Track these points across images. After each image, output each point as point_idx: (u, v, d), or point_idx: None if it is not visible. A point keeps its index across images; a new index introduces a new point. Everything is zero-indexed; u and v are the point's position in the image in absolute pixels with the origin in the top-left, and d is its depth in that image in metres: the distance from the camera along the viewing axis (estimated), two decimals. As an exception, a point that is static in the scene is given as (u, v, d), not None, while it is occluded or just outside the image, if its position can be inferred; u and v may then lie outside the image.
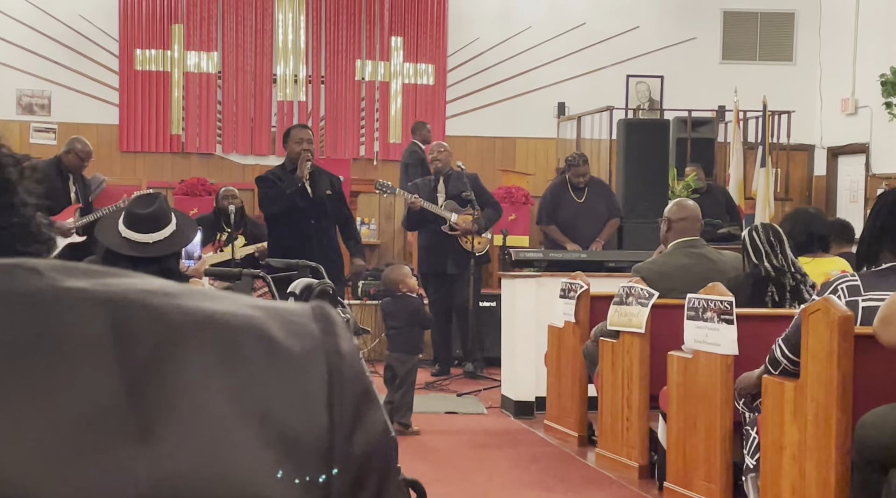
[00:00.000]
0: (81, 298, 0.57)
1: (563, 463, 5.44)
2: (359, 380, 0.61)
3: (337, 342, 0.62)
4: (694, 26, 11.82)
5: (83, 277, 0.59)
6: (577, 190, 8.57)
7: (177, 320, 0.58)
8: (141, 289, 0.59)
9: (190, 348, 0.57)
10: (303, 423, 0.58)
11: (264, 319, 0.61)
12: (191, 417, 0.56)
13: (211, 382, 0.57)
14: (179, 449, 0.54)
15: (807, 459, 3.64)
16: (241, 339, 0.59)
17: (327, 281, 4.25)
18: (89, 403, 0.54)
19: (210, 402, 0.56)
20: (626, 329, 5.12)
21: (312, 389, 0.59)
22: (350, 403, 0.60)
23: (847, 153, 11.55)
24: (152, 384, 0.56)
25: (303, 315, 0.62)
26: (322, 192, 6.84)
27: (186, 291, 0.60)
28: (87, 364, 0.55)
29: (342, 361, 0.61)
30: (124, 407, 0.55)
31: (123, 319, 0.57)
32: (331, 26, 11.52)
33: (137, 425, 0.54)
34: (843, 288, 3.66)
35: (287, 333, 0.60)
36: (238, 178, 10.80)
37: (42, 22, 10.97)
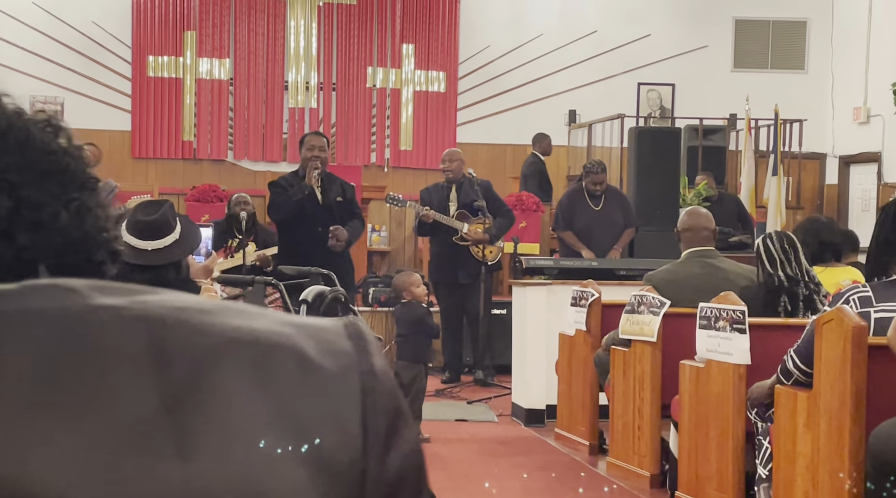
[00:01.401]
0: (119, 316, 0.58)
1: (573, 472, 5.43)
2: (392, 398, 0.62)
3: (371, 361, 0.62)
4: (705, 34, 11.81)
5: (120, 296, 0.59)
6: (594, 198, 8.56)
7: (212, 338, 0.58)
8: (177, 306, 0.60)
9: (225, 366, 0.58)
10: (337, 441, 0.58)
11: (298, 336, 0.61)
12: (227, 436, 0.56)
13: (246, 401, 0.57)
14: (215, 467, 0.55)
15: (820, 469, 3.62)
16: (275, 357, 0.59)
17: (339, 288, 4.26)
18: (127, 419, 0.55)
19: (245, 420, 0.57)
20: (637, 338, 5.11)
21: (347, 409, 0.59)
22: (383, 423, 0.60)
23: (859, 162, 11.52)
24: (189, 402, 0.56)
25: (336, 333, 0.62)
26: (332, 199, 6.85)
27: (221, 308, 0.61)
28: (126, 381, 0.56)
29: (376, 380, 0.61)
30: (162, 424, 0.55)
31: (160, 337, 0.58)
32: (342, 33, 11.54)
33: (175, 442, 0.55)
34: (854, 299, 3.65)
35: (321, 352, 0.61)
36: (249, 184, 10.83)
37: (55, 28, 11.03)
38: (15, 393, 0.55)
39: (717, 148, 10.80)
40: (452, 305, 8.12)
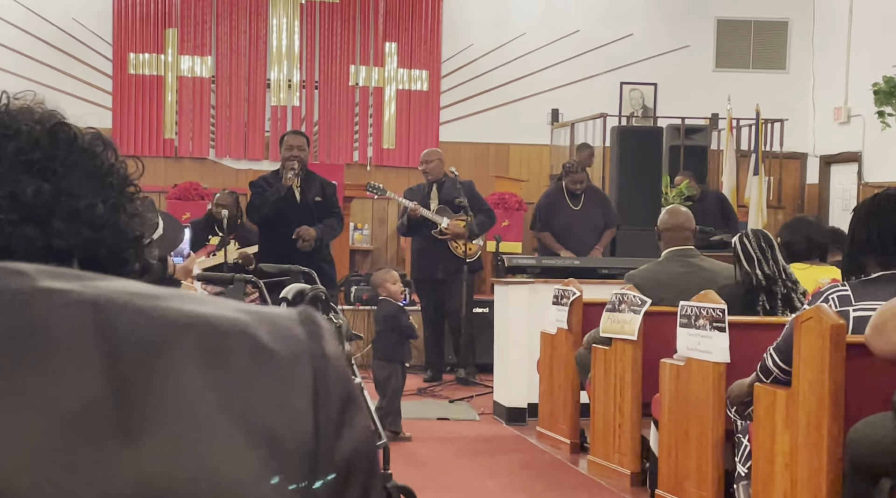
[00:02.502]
0: (68, 300, 0.58)
1: (554, 470, 5.44)
2: (344, 383, 0.62)
3: (322, 346, 0.62)
4: (687, 34, 11.85)
5: (71, 280, 0.59)
6: (574, 197, 8.57)
7: (163, 322, 0.58)
8: (128, 291, 0.59)
9: (176, 350, 0.58)
10: (288, 424, 0.58)
11: (251, 322, 0.61)
12: (176, 418, 0.56)
13: (197, 384, 0.57)
14: (165, 449, 0.55)
15: (798, 467, 3.64)
16: (227, 341, 0.59)
17: (320, 286, 4.25)
18: (75, 403, 0.55)
19: (196, 403, 0.57)
20: (618, 336, 5.12)
21: (298, 392, 0.60)
22: (335, 406, 0.60)
23: (839, 162, 11.58)
24: (138, 385, 0.56)
25: (289, 319, 0.63)
26: (311, 199, 6.84)
27: (174, 294, 0.61)
28: (73, 364, 0.56)
29: (328, 364, 0.61)
30: (110, 407, 0.55)
31: (110, 320, 0.57)
32: (325, 31, 11.52)
33: (123, 426, 0.55)
34: (833, 298, 3.67)
35: (273, 337, 0.61)
36: (231, 182, 10.79)
37: (35, 25, 10.96)
38: None
39: (699, 147, 10.83)
40: (433, 302, 8.12)
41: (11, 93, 0.81)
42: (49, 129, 0.75)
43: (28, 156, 0.73)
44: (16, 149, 0.73)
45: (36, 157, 0.73)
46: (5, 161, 0.72)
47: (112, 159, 0.79)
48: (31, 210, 0.70)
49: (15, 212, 0.70)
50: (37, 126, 0.75)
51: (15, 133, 0.74)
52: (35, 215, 0.70)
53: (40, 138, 0.74)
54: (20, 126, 0.74)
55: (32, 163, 0.72)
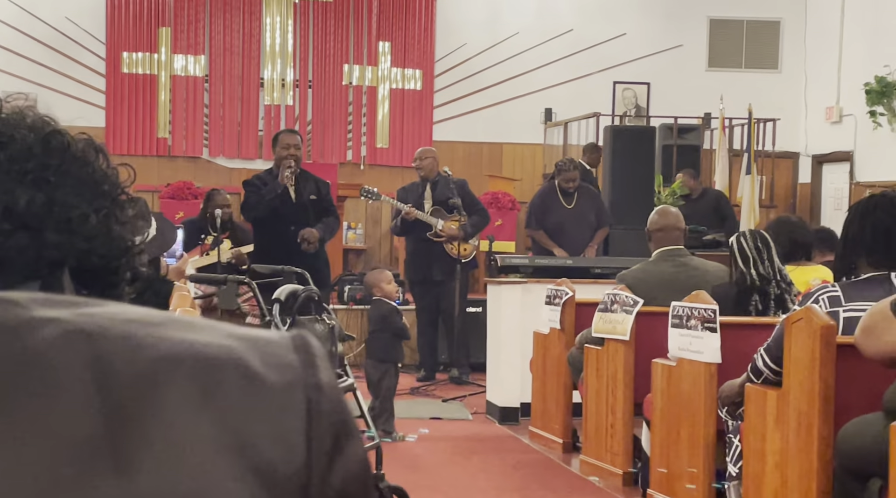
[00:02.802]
0: (62, 330, 0.58)
1: (547, 469, 5.45)
2: (338, 413, 0.62)
3: (317, 375, 0.62)
4: (680, 33, 11.87)
5: (63, 308, 0.59)
6: (567, 196, 8.59)
7: (156, 354, 0.58)
8: (121, 319, 0.60)
9: (169, 381, 0.58)
10: (281, 456, 0.58)
11: (243, 350, 0.61)
12: (168, 451, 0.56)
13: (189, 416, 0.57)
14: (156, 482, 0.55)
15: (789, 467, 3.66)
16: (219, 371, 0.60)
17: (312, 287, 4.26)
18: (67, 435, 0.55)
19: (188, 435, 0.57)
20: (610, 336, 5.13)
21: (291, 423, 0.59)
22: (328, 437, 0.60)
23: (831, 161, 11.61)
24: (131, 417, 0.56)
25: (282, 346, 0.62)
26: (306, 198, 6.84)
27: (167, 320, 0.61)
28: (66, 396, 0.56)
29: (321, 395, 0.61)
30: (102, 440, 0.55)
31: (104, 352, 0.57)
32: (318, 30, 11.52)
33: (115, 458, 0.55)
34: (824, 299, 3.69)
35: (266, 366, 0.61)
36: (225, 181, 10.78)
37: (28, 24, 10.94)
38: None
39: (692, 147, 10.85)
40: (428, 303, 8.13)
41: (2, 95, 0.79)
42: (43, 137, 0.75)
43: (21, 165, 0.72)
44: (8, 158, 0.72)
45: (29, 167, 0.72)
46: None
47: (104, 167, 0.78)
48: (24, 220, 0.70)
49: (7, 222, 0.69)
50: (30, 134, 0.75)
51: (8, 141, 0.73)
52: (28, 225, 0.70)
53: (33, 147, 0.74)
54: (13, 133, 0.74)
55: (26, 173, 0.72)
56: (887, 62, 10.38)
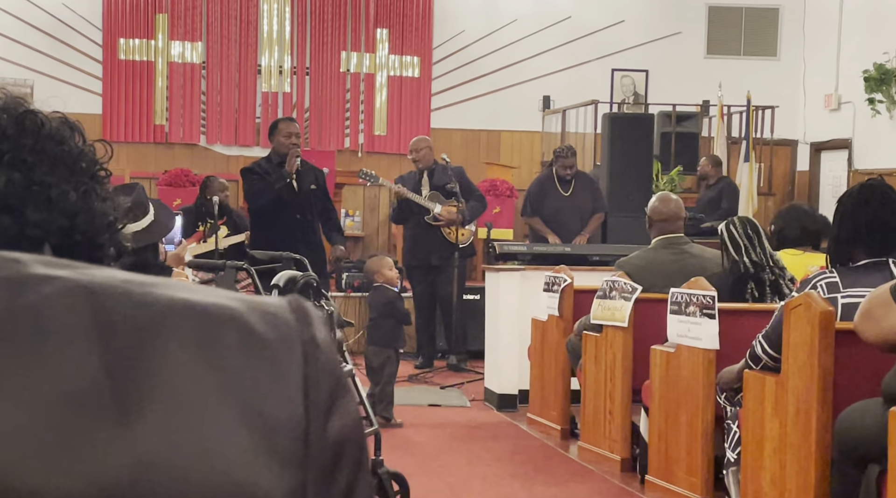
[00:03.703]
0: (63, 286, 0.58)
1: (545, 456, 5.46)
2: (333, 369, 0.63)
3: (312, 332, 0.63)
4: (679, 21, 11.85)
5: (63, 268, 0.60)
6: (564, 183, 8.59)
7: (156, 309, 0.59)
8: (121, 279, 0.60)
9: (169, 335, 0.58)
10: (279, 407, 0.59)
11: (242, 309, 0.62)
12: (170, 401, 0.56)
13: (189, 368, 0.58)
14: (158, 432, 0.55)
15: (787, 453, 3.66)
16: (219, 327, 0.60)
17: (311, 273, 4.26)
18: (69, 386, 0.55)
19: (189, 386, 0.57)
20: (609, 323, 5.14)
21: (288, 376, 0.60)
22: (325, 390, 0.61)
23: (830, 149, 11.61)
24: (132, 369, 0.56)
25: (279, 307, 0.64)
26: (307, 187, 6.84)
27: (165, 282, 0.62)
28: (68, 349, 0.56)
29: (317, 349, 0.62)
30: (104, 390, 0.55)
31: (104, 306, 0.58)
32: (316, 17, 11.48)
33: (117, 408, 0.55)
34: (822, 285, 3.69)
35: (264, 323, 0.62)
36: (222, 169, 10.77)
37: (24, 10, 10.90)
38: None
39: (690, 134, 10.85)
40: (425, 289, 8.13)
41: (1, 78, 0.80)
42: (16, 117, 0.75)
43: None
44: None
45: (4, 148, 0.73)
46: None
47: (80, 144, 0.79)
48: (4, 201, 0.71)
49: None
50: (3, 114, 0.75)
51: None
52: (7, 206, 0.71)
53: (7, 127, 0.74)
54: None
55: (1, 154, 0.73)
56: (886, 49, 10.37)
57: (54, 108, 0.84)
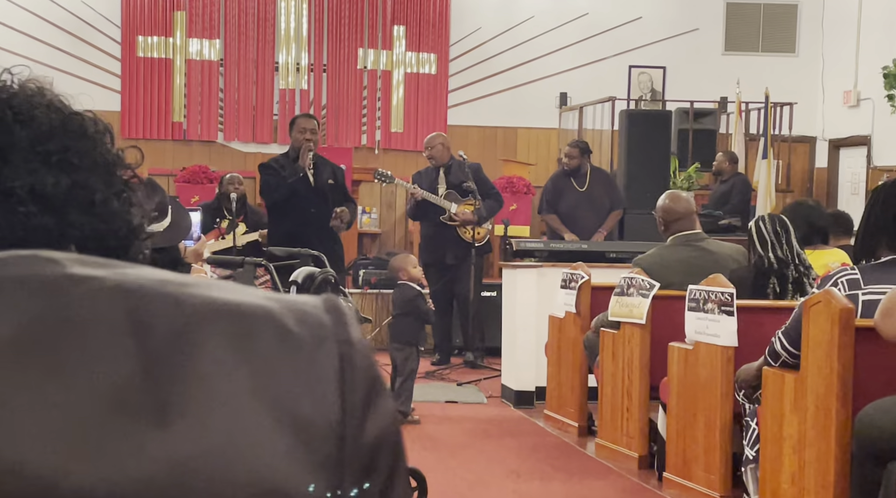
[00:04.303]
0: (98, 286, 0.58)
1: (562, 453, 5.46)
2: (369, 369, 0.63)
3: (348, 332, 0.63)
4: (696, 17, 11.81)
5: (100, 267, 0.60)
6: (579, 179, 8.57)
7: (192, 308, 0.59)
8: (156, 278, 0.60)
9: (205, 335, 0.58)
10: (315, 408, 0.59)
11: (277, 309, 0.62)
12: (206, 402, 0.56)
13: (226, 368, 0.58)
14: (195, 432, 0.55)
15: (806, 450, 3.65)
16: (255, 327, 0.60)
17: (329, 270, 4.27)
18: (108, 386, 0.55)
19: (225, 387, 0.57)
20: (627, 320, 5.13)
21: (325, 376, 0.60)
22: (361, 391, 0.61)
23: (849, 145, 11.55)
24: (169, 369, 0.57)
25: (315, 307, 0.63)
26: (324, 182, 6.86)
27: (200, 281, 0.62)
28: (105, 349, 0.56)
29: (353, 350, 0.62)
30: (142, 391, 0.56)
31: (140, 306, 0.58)
32: (333, 15, 11.50)
33: (154, 409, 0.55)
34: (843, 281, 3.67)
35: (299, 323, 0.62)
36: (239, 165, 10.81)
37: (44, 7, 10.96)
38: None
39: (708, 131, 10.81)
40: (441, 286, 8.14)
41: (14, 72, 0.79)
42: (63, 118, 0.75)
43: (44, 146, 0.72)
44: (30, 137, 0.72)
45: (52, 148, 0.73)
46: (19, 150, 0.71)
47: (114, 149, 0.79)
48: (51, 202, 0.71)
49: (34, 204, 0.70)
50: (52, 115, 0.75)
51: (29, 119, 0.73)
52: (53, 207, 0.71)
53: (57, 128, 0.74)
54: (34, 113, 0.74)
55: (49, 154, 0.72)
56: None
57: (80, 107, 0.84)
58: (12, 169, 0.70)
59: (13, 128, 0.71)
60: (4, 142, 0.71)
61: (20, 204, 0.69)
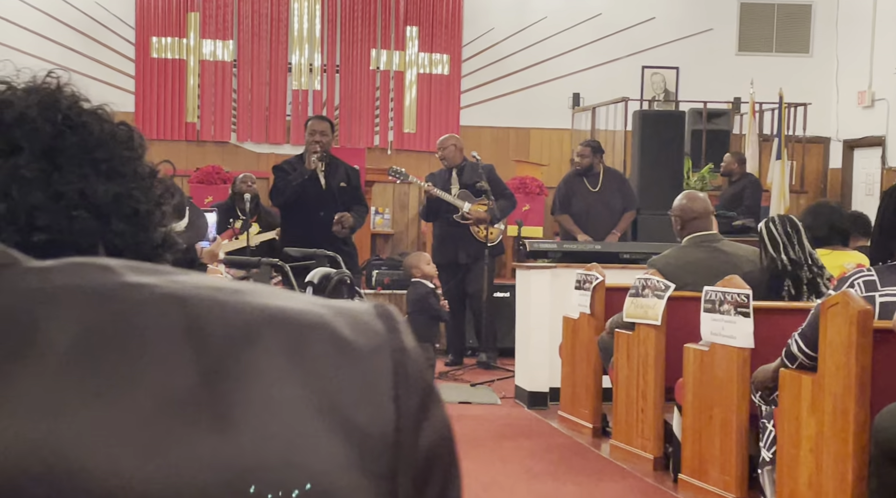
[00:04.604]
0: (154, 294, 0.59)
1: (576, 454, 5.45)
2: (423, 376, 0.62)
3: (401, 339, 0.63)
4: (710, 17, 11.78)
5: (152, 275, 0.60)
6: (592, 179, 8.55)
7: (247, 316, 0.59)
8: (210, 286, 0.60)
9: (261, 343, 0.58)
10: (370, 416, 0.59)
11: (331, 316, 0.62)
12: (263, 409, 0.56)
13: (281, 376, 0.58)
14: (253, 440, 0.55)
15: (824, 452, 3.64)
16: (309, 335, 0.60)
17: (345, 270, 4.27)
18: (167, 393, 0.56)
19: (281, 394, 0.57)
20: (641, 321, 5.12)
21: (379, 384, 0.60)
22: (415, 399, 0.61)
23: (863, 146, 11.50)
24: (225, 377, 0.57)
25: (367, 313, 0.63)
26: (336, 184, 6.86)
27: (253, 289, 0.62)
28: (163, 357, 0.57)
29: (407, 357, 0.62)
30: (200, 398, 0.56)
31: (196, 313, 0.58)
32: (346, 15, 11.51)
33: (213, 416, 0.56)
34: (859, 283, 3.66)
35: (354, 331, 0.61)
36: (253, 166, 10.83)
37: (58, 8, 11.00)
38: (56, 368, 0.55)
39: (721, 131, 10.78)
40: (454, 286, 8.14)
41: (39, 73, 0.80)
42: (111, 127, 0.77)
43: (93, 154, 0.74)
44: (79, 143, 0.73)
45: (100, 156, 0.74)
46: (70, 155, 0.72)
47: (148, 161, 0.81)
48: (99, 209, 0.72)
49: (84, 209, 0.71)
50: (103, 124, 0.76)
51: (79, 126, 0.74)
52: (101, 214, 0.72)
53: (103, 136, 0.75)
54: (84, 119, 0.75)
55: (98, 162, 0.74)
56: (921, 46, 10.26)
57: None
58: (63, 174, 0.71)
59: (65, 133, 0.72)
60: (57, 146, 0.71)
61: (72, 207, 0.70)
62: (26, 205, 0.69)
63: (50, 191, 0.69)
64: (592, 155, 8.54)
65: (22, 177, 0.69)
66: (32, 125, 0.72)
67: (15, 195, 0.68)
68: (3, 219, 0.68)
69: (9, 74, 0.81)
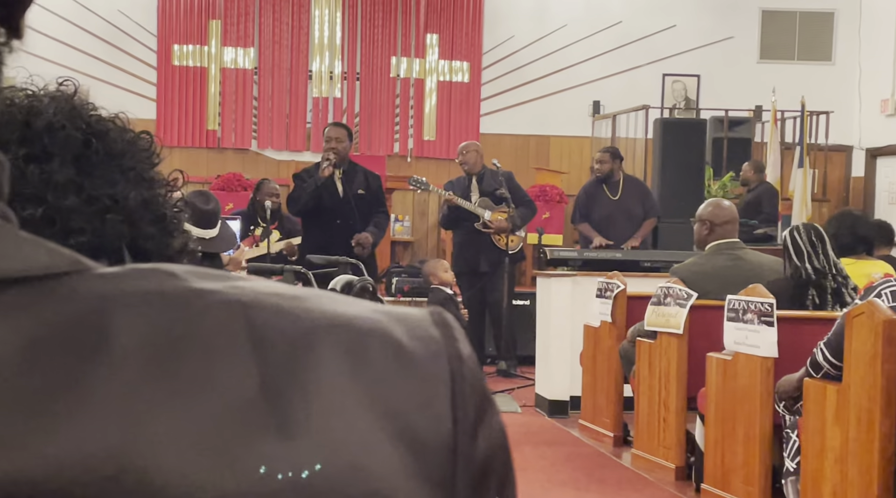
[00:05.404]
0: (217, 300, 0.59)
1: (598, 463, 5.43)
2: (479, 384, 0.62)
3: (458, 347, 0.63)
4: (731, 25, 11.74)
5: (216, 280, 0.61)
6: (612, 188, 8.53)
7: (308, 323, 0.59)
8: (270, 292, 0.61)
9: (321, 349, 0.59)
10: (428, 423, 0.59)
11: (388, 322, 0.62)
12: (325, 416, 0.57)
13: (341, 382, 0.58)
14: (316, 447, 0.56)
15: (849, 463, 3.61)
16: (368, 341, 0.60)
17: (367, 277, 4.27)
18: (231, 399, 0.56)
19: (342, 401, 0.58)
20: (663, 330, 5.10)
21: (437, 392, 0.60)
22: (472, 405, 0.61)
23: (886, 154, 11.43)
24: (288, 383, 0.57)
25: (423, 320, 0.63)
26: (353, 191, 6.84)
27: (313, 294, 0.62)
28: (228, 362, 0.57)
29: (464, 365, 0.62)
30: (264, 404, 0.56)
31: (259, 319, 0.59)
32: (366, 23, 11.54)
33: (276, 422, 0.56)
34: (886, 293, 3.63)
35: (410, 337, 0.62)
36: (273, 173, 10.86)
37: (81, 16, 11.08)
38: (123, 373, 0.56)
39: (743, 140, 10.74)
40: (474, 294, 8.13)
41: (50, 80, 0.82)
42: (132, 136, 0.79)
43: (120, 161, 0.75)
44: (106, 150, 0.75)
45: (126, 164, 0.76)
46: (96, 160, 0.74)
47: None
48: (129, 214, 0.74)
49: (115, 213, 0.73)
50: (123, 132, 0.78)
51: (103, 134, 0.75)
52: (132, 219, 0.74)
53: (127, 144, 0.77)
54: (108, 127, 0.76)
55: (125, 168, 0.75)
56: (944, 54, 10.19)
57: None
58: (94, 180, 0.72)
59: (91, 140, 0.73)
60: (85, 153, 0.72)
61: (106, 211, 0.71)
62: (62, 209, 0.70)
63: (83, 195, 0.70)
64: (612, 160, 8.52)
65: (56, 182, 0.70)
66: (62, 133, 0.74)
67: (50, 200, 0.69)
68: (39, 222, 0.69)
69: (23, 81, 0.82)
